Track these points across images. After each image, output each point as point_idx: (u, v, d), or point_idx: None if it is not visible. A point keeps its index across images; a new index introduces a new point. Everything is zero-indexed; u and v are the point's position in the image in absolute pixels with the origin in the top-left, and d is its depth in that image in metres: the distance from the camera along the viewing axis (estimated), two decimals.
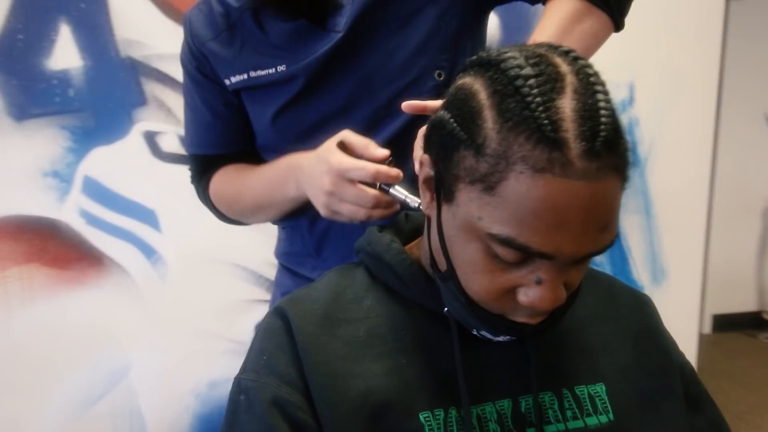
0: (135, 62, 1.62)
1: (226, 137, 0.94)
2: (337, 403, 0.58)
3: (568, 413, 0.62)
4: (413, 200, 0.69)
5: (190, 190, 1.02)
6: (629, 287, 0.75)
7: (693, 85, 2.00)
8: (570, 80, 0.49)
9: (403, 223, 0.74)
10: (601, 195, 0.48)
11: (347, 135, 0.75)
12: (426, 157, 0.57)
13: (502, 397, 0.62)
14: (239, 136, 0.93)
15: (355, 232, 0.87)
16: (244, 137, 0.93)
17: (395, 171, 0.71)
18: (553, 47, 0.53)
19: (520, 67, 0.50)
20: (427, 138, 0.59)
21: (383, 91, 0.82)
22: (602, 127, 0.47)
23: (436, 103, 0.68)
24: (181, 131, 1.66)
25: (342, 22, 0.80)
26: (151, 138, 1.65)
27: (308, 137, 0.85)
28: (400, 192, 0.71)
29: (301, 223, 0.92)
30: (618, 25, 0.81)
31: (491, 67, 0.52)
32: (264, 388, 0.60)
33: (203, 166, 0.98)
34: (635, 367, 0.66)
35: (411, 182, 0.76)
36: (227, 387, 0.64)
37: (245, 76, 0.84)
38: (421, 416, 0.59)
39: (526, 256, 0.51)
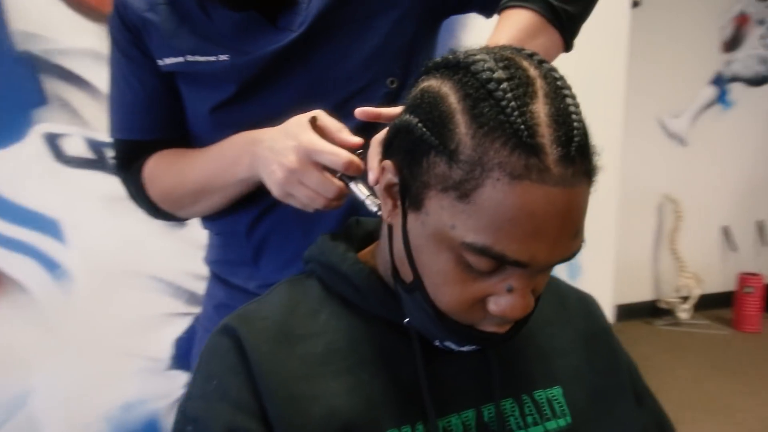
0: (33, 57, 1.46)
1: (163, 120, 0.85)
2: (298, 427, 0.54)
3: (529, 419, 0.62)
4: (373, 202, 0.66)
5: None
6: (573, 288, 0.77)
7: (601, 90, 2.11)
8: (540, 84, 0.48)
9: (354, 229, 0.71)
10: (575, 201, 0.47)
11: (321, 114, 0.70)
12: (389, 163, 0.54)
13: (466, 407, 0.60)
14: (178, 119, 0.85)
15: (295, 240, 0.83)
16: (181, 122, 0.85)
17: (362, 165, 0.67)
18: (518, 50, 0.53)
19: (491, 70, 0.48)
20: (389, 143, 0.56)
21: (333, 95, 0.78)
22: (575, 132, 0.47)
23: (391, 110, 0.65)
24: (89, 133, 1.53)
25: (296, 20, 0.76)
26: (53, 141, 1.50)
27: None
28: (361, 191, 0.67)
29: (237, 229, 0.86)
30: (568, 46, 0.81)
31: (459, 70, 0.50)
32: (216, 416, 0.55)
33: (133, 153, 0.87)
34: (588, 368, 0.67)
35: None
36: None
37: (181, 59, 0.77)
38: None
39: (498, 264, 0.49)
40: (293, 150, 0.67)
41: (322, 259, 0.65)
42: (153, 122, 0.85)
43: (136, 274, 1.63)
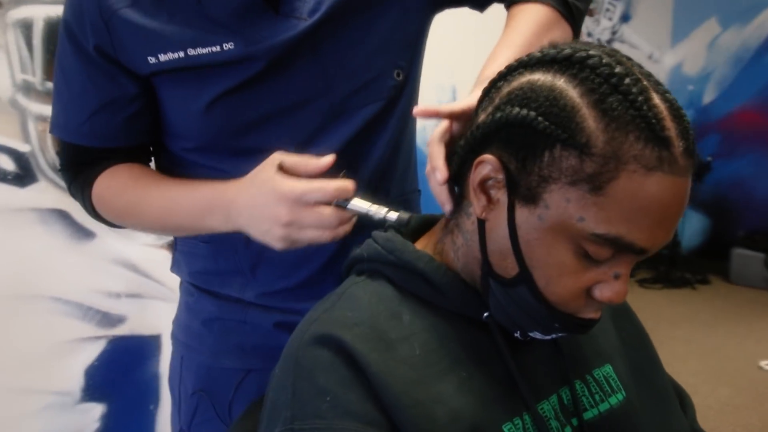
0: None
1: (118, 129, 0.76)
2: None
3: (596, 397, 0.65)
4: (377, 211, 0.67)
5: None
6: None
7: None
8: (646, 80, 0.51)
9: (401, 228, 0.69)
10: (689, 190, 0.51)
11: (282, 157, 0.68)
12: (490, 157, 0.54)
13: (551, 393, 0.62)
14: (134, 129, 0.77)
15: (300, 248, 0.78)
16: (140, 131, 0.78)
17: (351, 184, 0.67)
18: (601, 46, 0.55)
19: (610, 65, 0.50)
20: (483, 138, 0.55)
21: (341, 87, 0.75)
22: (688, 125, 0.50)
23: (448, 106, 0.64)
24: None
25: (304, 7, 0.71)
26: None
27: (247, 134, 0.74)
28: (359, 205, 0.67)
29: (234, 237, 0.78)
30: (576, 38, 0.85)
31: (572, 65, 0.51)
32: None
33: (80, 158, 0.79)
34: (621, 344, 0.73)
35: (365, 189, 0.72)
36: None
37: (181, 53, 0.69)
38: (505, 429, 0.56)
39: (615, 252, 0.52)
40: (279, 203, 0.65)
41: (393, 259, 0.62)
42: (108, 130, 0.76)
43: (35, 296, 1.40)
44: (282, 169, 0.67)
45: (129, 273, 1.51)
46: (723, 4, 4.18)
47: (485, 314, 0.60)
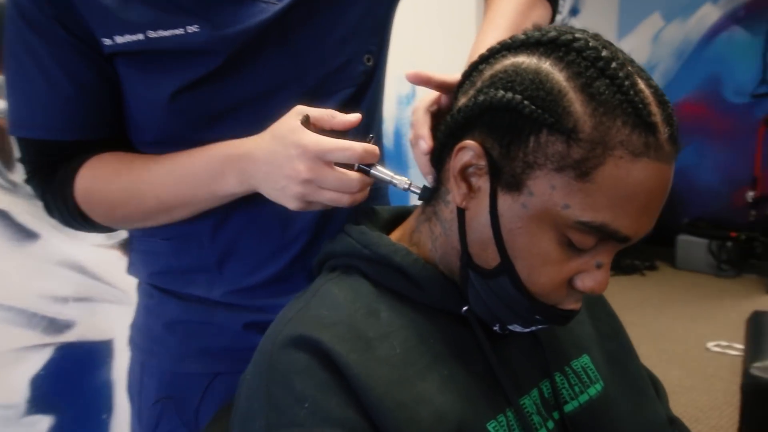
0: None
1: (94, 116, 0.69)
2: None
3: (576, 389, 0.65)
4: (401, 180, 0.62)
5: None
6: None
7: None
8: (630, 65, 0.50)
9: (374, 217, 0.67)
10: (672, 177, 0.51)
11: (306, 109, 0.63)
12: (472, 143, 0.52)
13: (532, 387, 0.61)
14: (110, 114, 0.70)
15: (272, 238, 0.75)
16: (116, 118, 0.71)
17: (377, 149, 0.62)
18: (584, 30, 0.54)
19: (597, 49, 0.49)
20: (466, 122, 0.53)
21: (312, 74, 0.72)
22: (672, 111, 0.50)
23: (442, 75, 0.62)
24: None
25: None
26: None
27: (214, 125, 0.69)
28: (384, 173, 0.62)
29: (199, 232, 0.74)
30: (553, 19, 0.85)
31: (558, 48, 0.50)
32: None
33: (50, 156, 0.70)
34: (596, 333, 0.72)
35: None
36: None
37: (140, 36, 0.63)
38: (489, 427, 0.54)
39: (599, 240, 0.51)
40: (300, 158, 0.60)
41: (369, 253, 0.60)
42: (83, 118, 0.69)
43: None
44: (306, 121, 0.62)
45: (77, 275, 1.43)
46: None
47: (464, 308, 0.58)
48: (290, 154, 0.60)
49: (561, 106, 0.48)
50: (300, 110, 0.63)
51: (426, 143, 0.59)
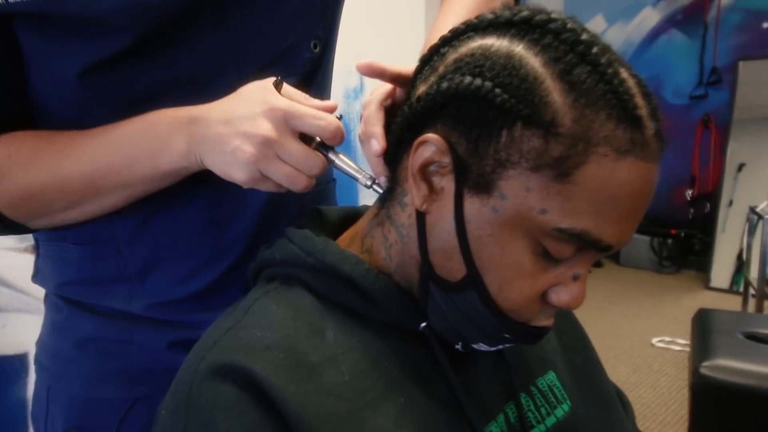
0: None
1: (10, 87, 0.58)
2: None
3: (542, 410, 0.59)
4: (364, 175, 0.54)
5: None
6: None
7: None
8: (610, 51, 0.44)
9: (319, 220, 0.59)
10: (657, 178, 0.45)
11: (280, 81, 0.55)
12: (434, 137, 0.45)
13: (497, 412, 0.55)
14: (15, 90, 0.59)
15: (204, 243, 0.65)
16: (22, 93, 0.59)
17: (344, 132, 0.55)
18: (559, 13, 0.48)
19: (575, 31, 0.43)
20: (426, 113, 0.46)
21: (252, 58, 0.62)
22: (657, 104, 0.44)
23: (397, 66, 0.54)
24: None
25: None
26: None
27: (134, 112, 0.59)
28: (347, 163, 0.54)
29: (116, 235, 0.64)
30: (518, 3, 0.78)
31: (532, 29, 0.43)
32: None
33: None
34: (561, 347, 0.67)
35: None
36: None
37: None
38: None
39: (577, 250, 0.45)
40: (265, 115, 0.51)
41: (312, 262, 0.51)
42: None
43: None
44: (279, 87, 0.53)
45: None
46: (608, 1, 4.40)
47: (422, 324, 0.51)
48: (254, 111, 0.51)
49: (537, 95, 0.41)
50: (271, 78, 0.54)
51: (378, 144, 0.51)
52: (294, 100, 0.54)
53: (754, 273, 2.76)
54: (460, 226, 0.45)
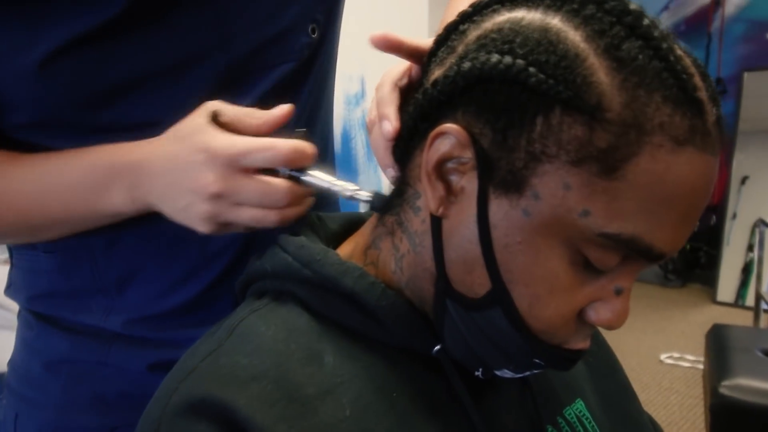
0: None
1: None
2: None
3: None
4: (342, 186, 0.48)
5: None
6: None
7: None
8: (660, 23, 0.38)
9: (318, 228, 0.52)
10: (716, 174, 0.38)
11: (220, 106, 0.49)
12: (455, 127, 0.38)
13: None
14: None
15: (189, 252, 0.59)
16: None
17: (311, 147, 0.48)
18: None
19: (621, 0, 0.36)
20: (451, 99, 0.39)
21: (241, 42, 0.56)
22: (716, 87, 0.38)
23: (418, 41, 0.47)
24: None
25: None
26: None
27: (108, 104, 0.52)
28: (320, 178, 0.48)
29: (90, 243, 0.57)
30: None
31: None
32: None
33: None
34: (589, 371, 0.60)
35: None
36: None
37: None
38: None
39: (622, 259, 0.38)
40: (206, 165, 0.46)
41: (308, 274, 0.44)
42: None
43: None
44: (217, 120, 0.48)
45: None
46: None
47: (436, 348, 0.44)
48: (194, 160, 0.46)
49: (580, 75, 0.35)
50: (210, 106, 0.49)
51: (391, 125, 0.44)
52: (238, 126, 0.49)
53: (765, 287, 2.69)
54: (484, 233, 0.38)
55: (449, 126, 0.38)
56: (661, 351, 2.85)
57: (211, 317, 0.58)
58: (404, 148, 0.44)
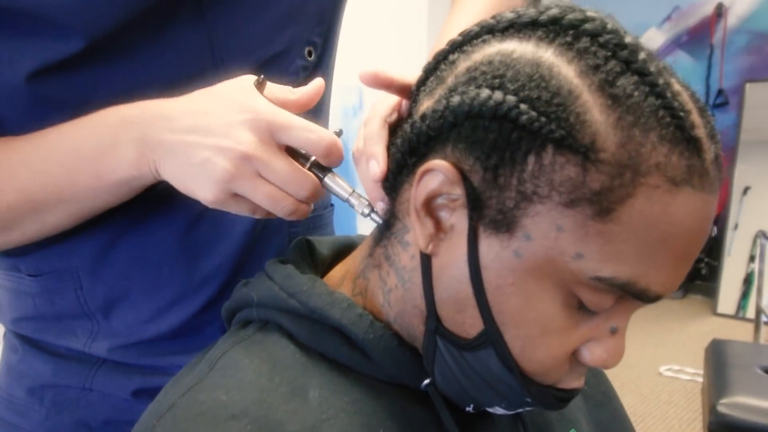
0: None
1: None
2: None
3: None
4: (360, 202, 0.46)
5: None
6: None
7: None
8: (656, 56, 0.37)
9: (307, 254, 0.51)
10: (714, 212, 0.37)
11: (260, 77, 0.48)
12: (444, 164, 0.37)
13: None
14: None
15: (177, 274, 0.57)
16: None
17: (343, 151, 0.47)
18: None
19: (618, 33, 0.35)
20: (441, 134, 0.38)
21: (234, 64, 0.55)
22: (714, 123, 0.37)
23: (408, 77, 0.46)
24: None
25: None
26: None
27: None
28: (341, 185, 0.46)
29: (74, 264, 0.56)
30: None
31: (564, 30, 0.36)
32: None
33: None
34: (584, 400, 0.59)
35: None
36: None
37: None
38: None
39: (617, 300, 0.37)
40: (246, 125, 0.43)
41: (294, 305, 0.43)
42: None
43: None
44: (261, 87, 0.46)
45: None
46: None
47: (425, 381, 0.43)
48: (233, 119, 0.43)
49: (573, 112, 0.34)
50: (252, 76, 0.47)
51: (379, 166, 0.42)
52: (280, 102, 0.47)
53: (766, 300, 2.67)
54: (474, 273, 0.37)
55: (438, 162, 0.37)
56: (660, 363, 2.83)
57: (198, 344, 0.56)
58: (392, 181, 0.43)
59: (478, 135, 0.36)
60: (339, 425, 0.40)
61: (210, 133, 0.44)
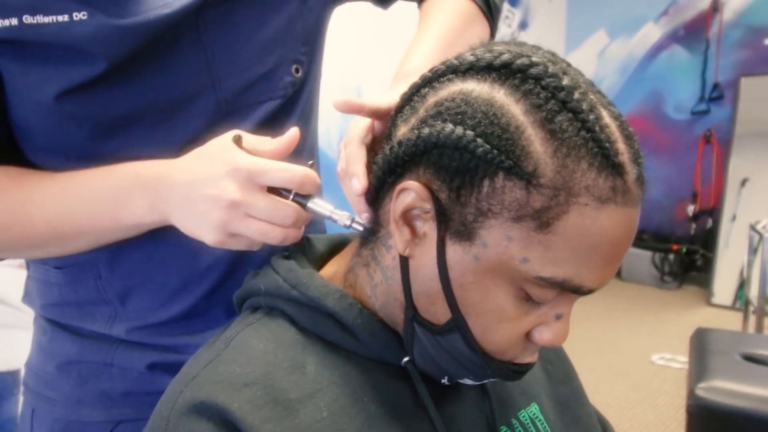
0: None
1: None
2: None
3: None
4: (341, 215, 0.55)
5: None
6: None
7: None
8: (593, 93, 0.44)
9: (307, 250, 0.59)
10: (638, 220, 0.46)
11: (241, 133, 0.56)
12: (416, 185, 0.45)
13: None
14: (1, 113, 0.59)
15: (183, 266, 0.65)
16: (4, 115, 0.60)
17: (318, 178, 0.55)
18: (538, 48, 0.48)
19: (557, 76, 0.43)
20: (409, 157, 0.46)
21: (230, 82, 0.63)
22: (638, 146, 0.44)
23: (374, 102, 0.54)
24: None
25: None
26: None
27: (114, 134, 0.60)
28: (322, 206, 0.55)
29: (94, 259, 0.64)
30: (492, 37, 0.79)
31: (513, 74, 0.43)
32: None
33: None
34: (546, 378, 0.67)
35: None
36: None
37: (14, 20, 0.53)
38: None
39: (559, 293, 0.45)
40: (229, 176, 0.52)
41: (296, 294, 0.52)
42: None
43: None
44: (239, 144, 0.54)
45: None
46: (610, 17, 4.41)
47: (405, 359, 0.51)
48: (217, 172, 0.52)
49: (519, 145, 0.42)
50: (232, 133, 0.56)
51: (360, 184, 0.51)
52: (256, 152, 0.55)
53: (755, 291, 2.74)
54: (443, 273, 0.45)
55: (412, 183, 0.45)
56: (653, 352, 2.91)
57: (204, 326, 0.65)
58: (375, 195, 0.51)
59: (443, 161, 0.44)
60: (330, 394, 0.48)
61: (202, 186, 0.53)
